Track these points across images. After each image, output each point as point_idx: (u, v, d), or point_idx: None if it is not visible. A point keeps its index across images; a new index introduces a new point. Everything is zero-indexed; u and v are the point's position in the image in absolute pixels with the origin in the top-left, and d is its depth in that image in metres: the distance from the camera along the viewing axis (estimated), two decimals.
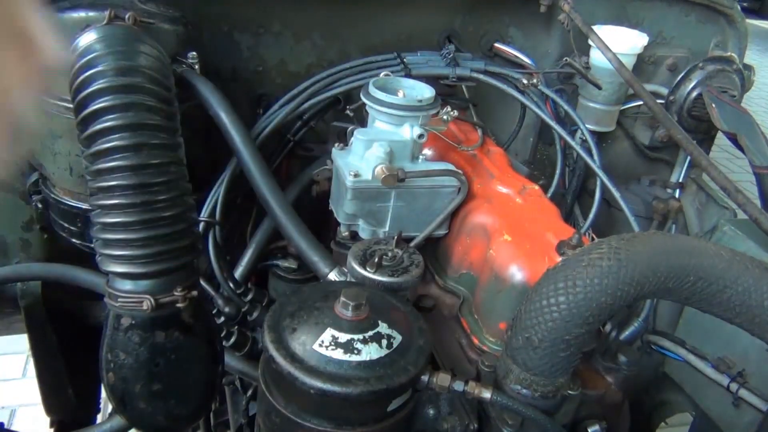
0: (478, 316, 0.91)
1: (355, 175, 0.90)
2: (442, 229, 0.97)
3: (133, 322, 0.79)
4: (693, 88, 1.28)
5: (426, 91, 0.97)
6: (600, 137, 1.33)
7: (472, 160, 1.06)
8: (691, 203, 1.36)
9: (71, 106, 0.82)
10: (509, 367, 0.74)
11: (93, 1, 0.92)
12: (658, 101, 1.20)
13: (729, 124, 1.18)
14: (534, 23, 1.33)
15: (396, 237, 0.85)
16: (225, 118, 0.94)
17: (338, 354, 0.67)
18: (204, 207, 1.08)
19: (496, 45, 1.33)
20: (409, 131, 0.93)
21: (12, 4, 0.35)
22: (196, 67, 0.98)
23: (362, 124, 0.99)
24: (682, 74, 1.29)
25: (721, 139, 1.39)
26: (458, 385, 0.72)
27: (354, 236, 0.96)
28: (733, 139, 1.19)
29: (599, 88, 1.26)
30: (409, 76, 1.14)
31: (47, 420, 1.49)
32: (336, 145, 0.98)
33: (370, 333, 0.70)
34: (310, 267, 0.88)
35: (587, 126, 1.22)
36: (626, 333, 1.23)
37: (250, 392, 1.23)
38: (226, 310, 1.10)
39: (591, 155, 1.17)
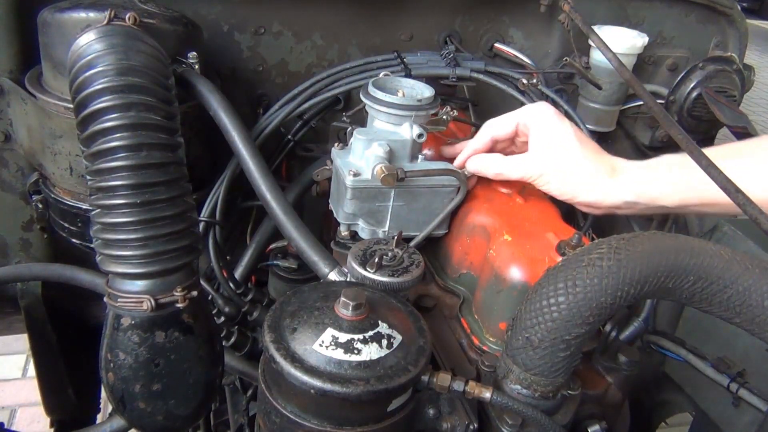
0: (478, 316, 0.91)
1: (355, 175, 0.90)
2: (442, 229, 0.97)
3: (133, 322, 0.79)
4: (693, 88, 1.28)
5: (426, 91, 0.97)
6: (600, 137, 1.33)
7: None
8: None
9: (71, 106, 0.83)
10: (509, 367, 0.74)
11: (93, 1, 0.92)
12: (658, 101, 1.20)
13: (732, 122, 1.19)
14: (534, 23, 1.33)
15: (396, 237, 0.85)
16: (225, 118, 0.94)
17: (338, 354, 0.67)
18: (204, 207, 1.08)
19: (497, 45, 1.33)
20: (408, 131, 0.93)
21: None
22: (196, 67, 0.98)
23: (362, 125, 0.99)
24: (682, 74, 1.29)
25: (720, 139, 1.39)
26: (458, 385, 0.72)
27: (354, 236, 0.96)
28: (740, 134, 1.19)
29: (599, 88, 1.26)
30: (409, 76, 1.14)
31: (47, 420, 1.49)
32: (336, 144, 0.98)
33: (370, 333, 0.70)
34: (310, 267, 0.88)
35: (587, 126, 1.22)
36: (626, 333, 1.22)
37: (250, 392, 1.23)
38: (226, 310, 1.10)
39: None
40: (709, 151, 0.75)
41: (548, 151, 0.93)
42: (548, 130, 0.94)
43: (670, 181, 0.90)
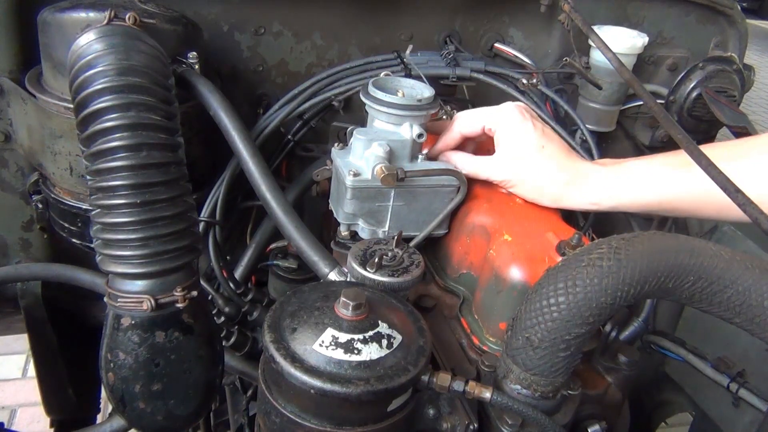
0: (478, 316, 0.91)
1: (355, 175, 0.90)
2: (442, 229, 0.97)
3: (133, 322, 0.79)
4: (693, 88, 1.28)
5: (426, 91, 0.97)
6: (600, 137, 1.33)
7: None
8: None
9: (71, 106, 0.83)
10: (509, 367, 0.74)
11: (93, 1, 0.93)
12: (658, 101, 1.20)
13: (732, 121, 1.19)
14: (534, 23, 1.33)
15: (396, 237, 0.85)
16: (225, 118, 0.94)
17: (338, 354, 0.67)
18: (204, 207, 1.08)
19: (497, 45, 1.33)
20: (408, 131, 0.93)
21: None
22: (196, 67, 0.98)
23: (362, 125, 0.99)
24: (682, 74, 1.29)
25: (720, 139, 1.39)
26: (458, 385, 0.72)
27: (354, 236, 0.96)
28: (740, 134, 1.19)
29: (599, 88, 1.26)
30: (409, 76, 1.14)
31: (47, 420, 1.49)
32: (336, 144, 0.98)
33: (370, 333, 0.70)
34: (310, 267, 0.88)
35: (587, 126, 1.22)
36: (626, 333, 1.22)
37: (250, 392, 1.23)
38: (226, 310, 1.10)
39: (591, 155, 1.17)
40: (705, 151, 0.75)
41: (511, 156, 0.95)
42: (511, 134, 0.95)
43: (630, 187, 0.92)
